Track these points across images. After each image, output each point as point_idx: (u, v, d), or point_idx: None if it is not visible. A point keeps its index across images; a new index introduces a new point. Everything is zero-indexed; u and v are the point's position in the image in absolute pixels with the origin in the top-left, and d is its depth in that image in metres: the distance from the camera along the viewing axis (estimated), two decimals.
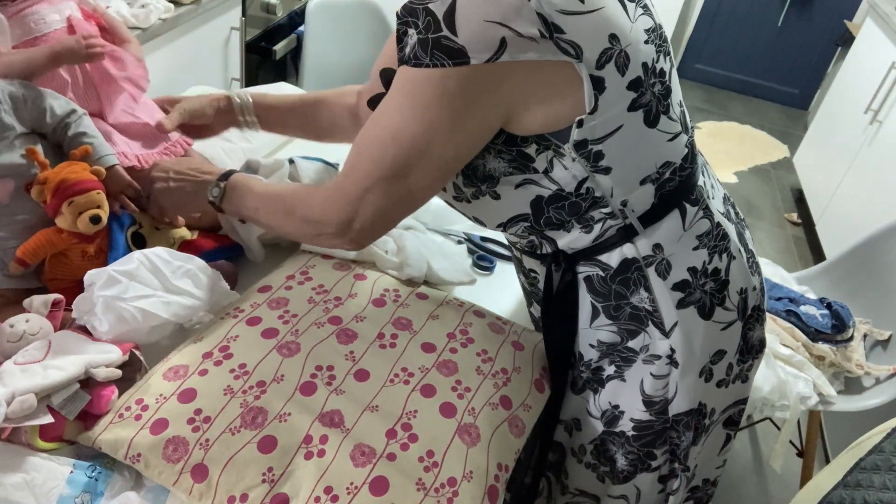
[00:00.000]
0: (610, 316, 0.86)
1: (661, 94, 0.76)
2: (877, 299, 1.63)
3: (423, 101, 0.70)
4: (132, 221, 1.00)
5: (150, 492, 0.74)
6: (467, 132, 0.73)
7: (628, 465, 0.94)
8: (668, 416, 0.89)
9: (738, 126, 4.14)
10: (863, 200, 2.53)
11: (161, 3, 1.72)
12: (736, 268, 0.85)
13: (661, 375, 0.86)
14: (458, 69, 0.67)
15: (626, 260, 0.81)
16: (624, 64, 0.71)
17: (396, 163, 0.74)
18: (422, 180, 0.76)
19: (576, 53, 0.68)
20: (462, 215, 0.88)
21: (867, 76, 2.75)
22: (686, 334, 0.83)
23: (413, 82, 0.70)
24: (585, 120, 0.71)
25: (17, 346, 0.78)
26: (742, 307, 0.87)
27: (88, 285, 0.84)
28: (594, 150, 0.74)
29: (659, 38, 0.76)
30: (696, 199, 0.83)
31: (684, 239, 0.82)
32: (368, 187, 0.76)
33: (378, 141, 0.74)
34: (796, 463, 1.78)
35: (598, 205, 0.79)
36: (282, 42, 2.35)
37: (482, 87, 0.69)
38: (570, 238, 0.82)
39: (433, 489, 0.75)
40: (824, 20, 4.20)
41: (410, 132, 0.72)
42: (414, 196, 0.78)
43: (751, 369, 0.93)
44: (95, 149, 0.95)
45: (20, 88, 0.91)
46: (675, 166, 0.80)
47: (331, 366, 0.85)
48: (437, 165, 0.74)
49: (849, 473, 0.90)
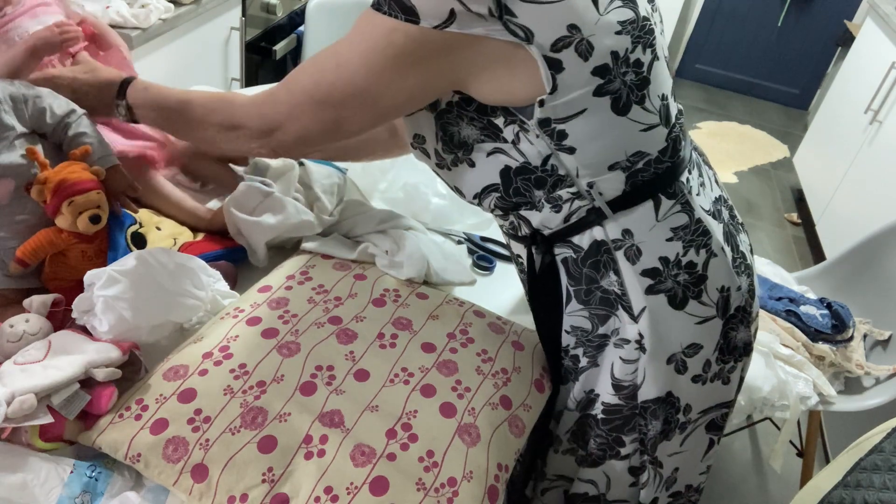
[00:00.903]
0: (581, 300, 0.87)
1: (634, 83, 0.76)
2: (877, 299, 1.63)
3: (371, 44, 0.73)
4: (132, 221, 1.00)
5: (150, 492, 0.74)
6: (408, 88, 0.76)
7: (598, 449, 0.95)
8: (637, 402, 0.90)
9: (738, 126, 4.14)
10: (863, 200, 2.53)
11: (161, 3, 1.72)
12: (716, 265, 0.85)
13: (630, 360, 0.87)
14: (407, 26, 0.70)
15: (596, 242, 0.83)
16: (586, 51, 0.72)
17: (334, 89, 0.76)
18: (353, 115, 0.78)
19: (526, 37, 0.70)
20: (445, 183, 0.90)
21: (867, 76, 2.75)
22: (654, 321, 0.84)
23: (368, 24, 0.74)
24: (547, 100, 0.73)
25: (17, 346, 0.78)
26: (723, 305, 0.87)
27: (88, 285, 0.84)
28: (557, 128, 0.76)
29: (639, 29, 0.76)
30: (674, 193, 0.83)
31: (657, 229, 0.82)
32: (300, 103, 0.79)
33: (324, 63, 0.77)
34: (796, 463, 1.78)
35: (564, 183, 0.80)
36: (282, 42, 2.35)
37: (428, 51, 0.72)
38: (542, 217, 0.84)
39: (433, 489, 0.75)
40: (824, 20, 4.20)
41: (353, 67, 0.75)
42: (341, 127, 0.80)
43: (733, 371, 0.92)
44: (95, 149, 0.95)
45: (20, 88, 0.91)
46: (651, 158, 0.80)
47: (331, 366, 0.85)
48: (370, 107, 0.77)
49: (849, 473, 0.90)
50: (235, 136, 0.85)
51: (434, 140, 0.84)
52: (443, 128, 0.82)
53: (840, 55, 3.98)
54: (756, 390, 1.43)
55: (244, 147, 0.85)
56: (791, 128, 4.23)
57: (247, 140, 0.84)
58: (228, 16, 2.09)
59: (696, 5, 4.40)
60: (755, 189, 3.50)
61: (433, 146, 0.85)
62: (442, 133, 0.82)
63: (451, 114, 0.81)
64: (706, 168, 0.93)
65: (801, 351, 1.53)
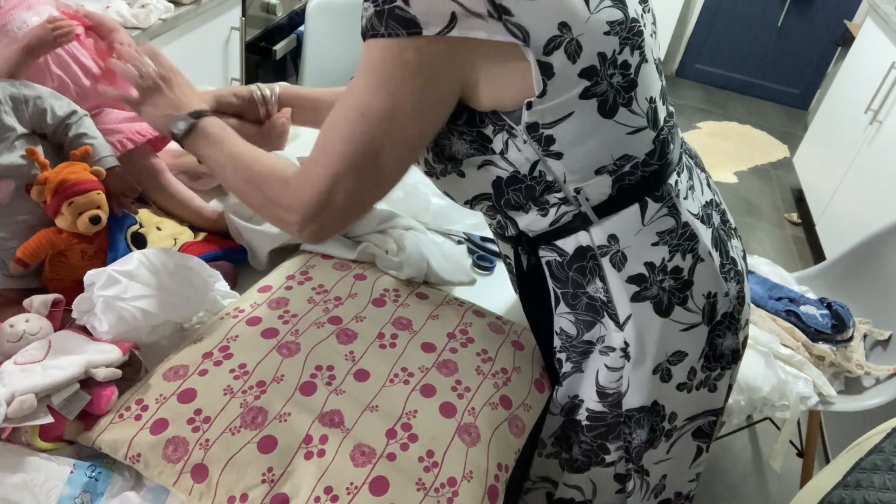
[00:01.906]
0: (568, 304, 0.87)
1: (621, 86, 0.76)
2: (877, 299, 1.63)
3: (385, 73, 0.71)
4: (132, 221, 1.00)
5: (150, 492, 0.74)
6: (430, 105, 0.74)
7: (582, 456, 0.95)
8: (622, 410, 0.89)
9: (738, 126, 4.14)
10: (863, 200, 2.53)
11: (161, 3, 1.72)
12: (703, 270, 0.84)
13: (615, 368, 0.87)
14: (413, 40, 0.69)
15: (581, 247, 0.82)
16: (575, 52, 0.71)
17: (366, 141, 0.74)
18: (392, 160, 0.76)
19: (522, 37, 0.69)
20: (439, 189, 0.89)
21: (867, 76, 2.75)
22: (639, 328, 0.83)
23: (374, 55, 0.72)
24: (534, 103, 0.73)
25: (17, 346, 0.78)
26: (709, 311, 0.86)
27: (88, 285, 0.84)
28: (545, 133, 0.75)
29: (628, 31, 0.76)
30: (661, 196, 0.82)
31: (643, 233, 0.81)
32: (340, 172, 0.75)
33: (346, 120, 0.74)
34: (796, 463, 1.78)
35: (551, 189, 0.80)
36: (282, 42, 2.35)
37: (438, 60, 0.70)
38: (529, 220, 0.83)
39: (433, 489, 0.75)
40: (824, 20, 4.20)
41: (377, 107, 0.73)
42: (385, 178, 0.78)
43: (720, 379, 0.91)
44: (96, 149, 0.95)
45: (21, 89, 0.91)
46: (637, 161, 0.80)
47: (331, 366, 0.85)
48: (404, 142, 0.75)
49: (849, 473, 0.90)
50: (278, 217, 0.81)
51: (424, 150, 0.83)
52: (434, 140, 0.81)
53: (840, 55, 3.98)
54: (756, 390, 1.43)
55: (284, 228, 0.82)
56: (791, 128, 4.23)
57: (288, 227, 0.80)
58: (228, 16, 2.09)
59: (696, 5, 4.40)
60: (755, 189, 3.50)
61: (423, 156, 0.84)
62: (433, 145, 0.81)
63: (442, 127, 0.79)
64: (698, 171, 0.92)
65: (801, 351, 1.53)
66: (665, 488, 0.98)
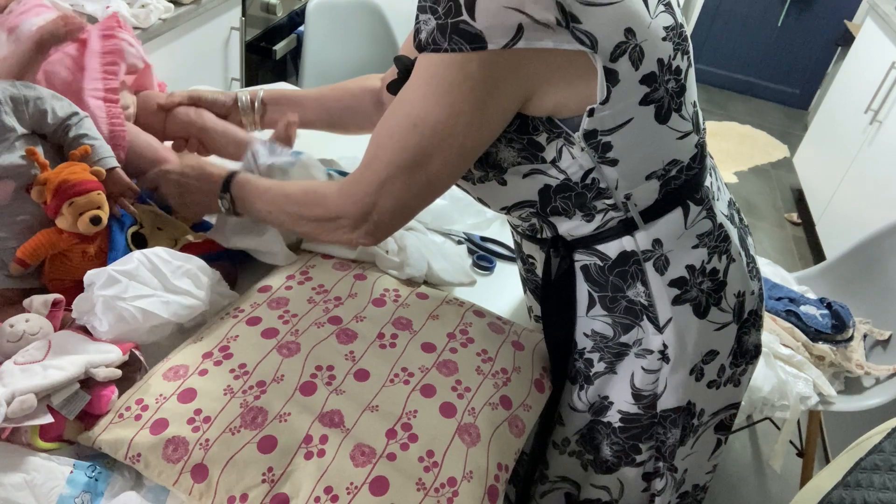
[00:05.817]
0: (606, 307, 0.86)
1: (674, 91, 0.76)
2: (877, 299, 1.63)
3: (444, 86, 0.70)
4: (132, 222, 1.00)
5: (150, 492, 0.75)
6: (488, 119, 0.73)
7: (613, 457, 0.95)
8: (657, 412, 0.89)
9: (738, 126, 4.14)
10: (863, 200, 2.54)
11: (161, 3, 1.72)
12: (735, 270, 0.85)
13: (651, 370, 0.87)
14: (478, 54, 0.68)
15: (625, 252, 0.82)
16: (638, 58, 0.71)
17: (418, 151, 0.74)
18: (442, 169, 0.76)
19: (591, 44, 0.68)
20: (470, 196, 0.89)
21: (867, 76, 2.75)
22: (679, 331, 0.84)
23: (434, 68, 0.70)
24: (597, 110, 0.72)
25: (17, 346, 0.78)
26: (738, 310, 0.87)
27: (88, 285, 0.84)
28: (603, 140, 0.74)
29: (678, 36, 0.76)
30: (701, 199, 0.83)
31: (685, 237, 0.82)
32: (390, 177, 0.76)
33: (399, 129, 0.74)
34: (796, 463, 1.79)
35: (602, 196, 0.79)
36: (282, 42, 2.35)
37: (501, 74, 0.69)
38: (571, 225, 0.83)
39: (433, 489, 0.75)
40: (824, 20, 4.20)
41: (433, 118, 0.72)
42: (434, 185, 0.78)
43: (744, 374, 0.93)
44: (96, 150, 0.95)
45: (21, 89, 0.91)
46: (683, 165, 0.80)
47: (331, 366, 0.85)
48: (457, 152, 0.75)
49: (849, 473, 0.90)
50: (334, 227, 0.83)
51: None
52: None
53: (840, 55, 3.99)
54: (756, 390, 1.43)
55: (343, 238, 0.84)
56: (791, 128, 4.23)
57: (346, 231, 0.82)
58: (228, 16, 2.09)
59: (696, 5, 4.40)
60: (755, 189, 3.50)
61: None
62: None
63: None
64: (717, 171, 0.93)
65: (801, 351, 1.53)
66: (685, 482, 0.98)
